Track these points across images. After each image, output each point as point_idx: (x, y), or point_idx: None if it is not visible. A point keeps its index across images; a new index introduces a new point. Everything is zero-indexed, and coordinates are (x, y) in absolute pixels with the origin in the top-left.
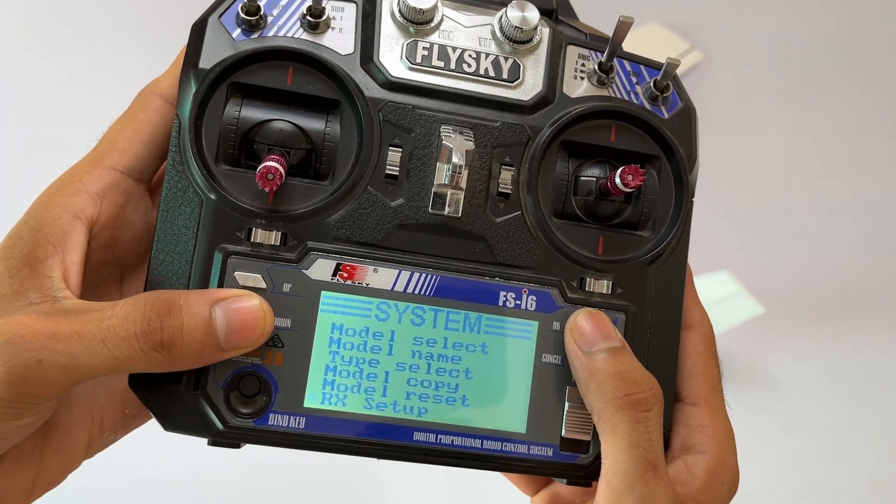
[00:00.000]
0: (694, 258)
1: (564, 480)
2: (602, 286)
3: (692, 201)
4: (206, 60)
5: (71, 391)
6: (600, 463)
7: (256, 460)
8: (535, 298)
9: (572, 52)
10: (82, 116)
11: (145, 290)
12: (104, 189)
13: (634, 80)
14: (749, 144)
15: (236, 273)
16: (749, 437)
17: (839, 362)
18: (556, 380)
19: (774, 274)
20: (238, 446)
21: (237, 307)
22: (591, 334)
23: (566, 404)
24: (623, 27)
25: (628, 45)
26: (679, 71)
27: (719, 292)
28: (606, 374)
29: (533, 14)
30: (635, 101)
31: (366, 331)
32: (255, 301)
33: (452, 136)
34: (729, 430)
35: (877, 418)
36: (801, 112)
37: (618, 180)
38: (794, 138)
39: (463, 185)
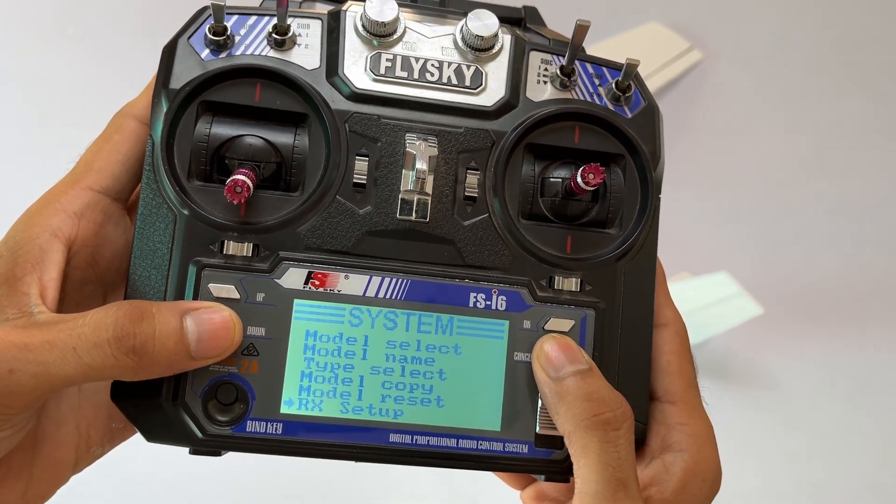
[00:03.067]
0: (693, 258)
1: (542, 477)
2: (571, 284)
3: (659, 198)
4: (176, 81)
5: (57, 406)
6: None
7: (251, 461)
8: (504, 298)
9: (535, 58)
10: (82, 116)
11: (126, 291)
12: (82, 208)
13: (597, 81)
14: (749, 144)
15: (210, 285)
16: (749, 436)
17: (839, 362)
18: (528, 377)
19: (774, 274)
20: (218, 454)
21: (208, 317)
22: (558, 359)
23: (539, 401)
24: (580, 31)
25: (629, 46)
26: (679, 71)
27: (719, 292)
28: (575, 397)
29: (492, 22)
30: (598, 103)
31: (339, 336)
32: (225, 312)
33: (416, 143)
34: (707, 426)
35: (877, 418)
36: (800, 112)
37: (579, 179)
38: (793, 138)
39: (429, 190)
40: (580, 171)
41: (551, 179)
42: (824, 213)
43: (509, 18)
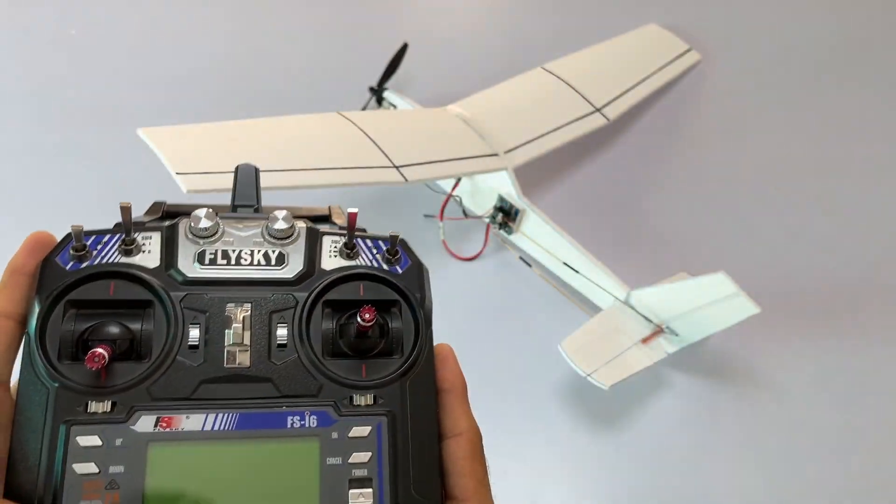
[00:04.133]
0: (692, 258)
1: None
2: (367, 399)
3: (431, 331)
4: (46, 288)
5: None
6: None
7: None
8: (315, 417)
9: (326, 240)
10: (83, 117)
11: (10, 452)
12: None
13: (374, 251)
14: (747, 144)
15: (77, 437)
16: (747, 435)
17: (837, 361)
18: (339, 476)
19: (772, 274)
20: None
21: None
22: None
23: (349, 493)
24: (352, 217)
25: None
26: (678, 72)
27: (717, 292)
28: None
29: (287, 219)
30: (375, 265)
31: (186, 467)
32: None
33: (234, 309)
34: None
35: (874, 417)
36: (799, 112)
37: (358, 318)
38: (792, 138)
39: (247, 342)
40: (358, 312)
41: (345, 324)
42: (822, 214)
43: (317, 217)
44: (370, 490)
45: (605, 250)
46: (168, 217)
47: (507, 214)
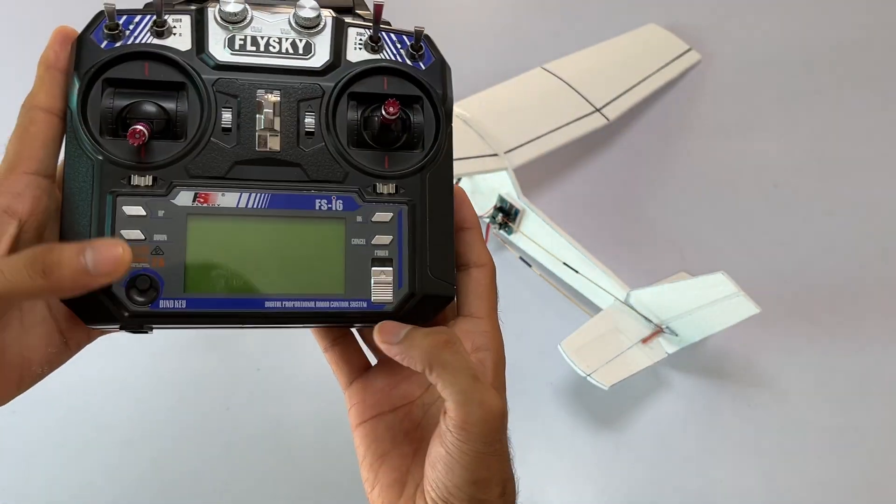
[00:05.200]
0: (691, 258)
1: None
2: (389, 188)
3: (451, 127)
4: (84, 65)
5: (2, 336)
6: (402, 310)
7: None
8: (341, 202)
9: (351, 32)
10: None
11: (61, 228)
12: (23, 189)
13: (399, 45)
14: (747, 145)
15: (123, 207)
16: (747, 435)
17: (836, 361)
18: (362, 255)
19: (772, 274)
20: (142, 329)
21: (101, 244)
22: (392, 330)
23: (371, 270)
24: (377, 9)
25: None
26: (678, 71)
27: (717, 292)
28: (419, 339)
29: (314, 8)
30: (399, 60)
31: (222, 235)
32: (117, 241)
33: (264, 96)
34: (500, 334)
35: (874, 417)
36: (798, 112)
37: (383, 111)
38: (791, 138)
39: (277, 128)
40: (383, 105)
41: (369, 117)
42: (822, 214)
43: (340, 7)
44: (390, 269)
45: (605, 250)
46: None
47: (507, 214)
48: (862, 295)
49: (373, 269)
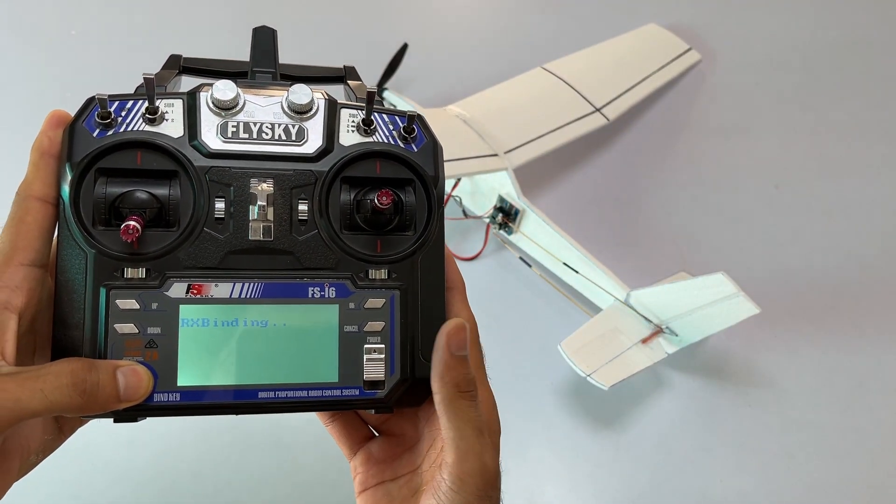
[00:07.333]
0: (691, 258)
1: (373, 411)
2: (381, 273)
3: (442, 209)
4: (76, 155)
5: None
6: (394, 396)
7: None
8: (334, 289)
9: (344, 113)
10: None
11: (54, 320)
12: (20, 281)
13: (391, 127)
14: (747, 145)
15: (117, 300)
16: (747, 435)
17: (836, 361)
18: (355, 342)
19: (772, 274)
20: (135, 420)
21: (131, 370)
22: (461, 342)
23: (364, 357)
24: (370, 96)
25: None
26: (677, 71)
27: (717, 292)
28: (456, 374)
29: (306, 94)
30: (392, 143)
31: (214, 327)
32: (140, 368)
33: (257, 185)
34: (491, 394)
35: (874, 417)
36: (798, 112)
37: (376, 201)
38: (791, 138)
39: (270, 217)
40: (376, 194)
41: (362, 201)
42: (822, 214)
43: (332, 77)
44: (382, 357)
45: (605, 250)
46: (185, 72)
47: (506, 214)
48: (862, 295)
49: (365, 357)
